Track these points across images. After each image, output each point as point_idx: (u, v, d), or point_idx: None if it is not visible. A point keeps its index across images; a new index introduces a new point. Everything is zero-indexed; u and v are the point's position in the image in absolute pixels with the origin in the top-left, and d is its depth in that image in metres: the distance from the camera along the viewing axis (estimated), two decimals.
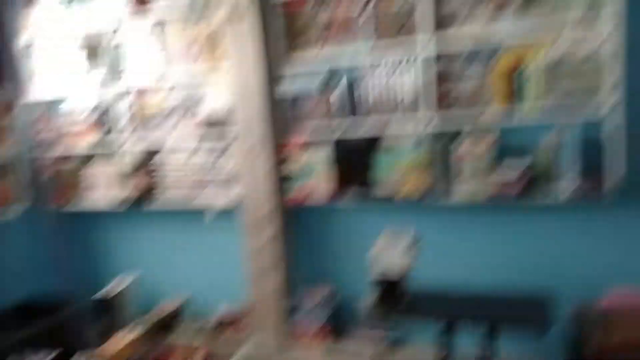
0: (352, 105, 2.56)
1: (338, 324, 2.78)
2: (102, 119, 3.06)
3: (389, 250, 2.19)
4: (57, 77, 3.11)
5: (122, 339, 2.82)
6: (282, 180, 2.70)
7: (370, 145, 2.52)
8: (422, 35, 2.36)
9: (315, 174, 2.62)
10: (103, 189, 3.10)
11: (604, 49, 2.12)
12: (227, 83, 2.68)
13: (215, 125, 2.79)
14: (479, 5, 2.29)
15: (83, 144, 3.10)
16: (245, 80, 2.62)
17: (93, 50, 2.99)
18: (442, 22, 2.35)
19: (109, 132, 3.06)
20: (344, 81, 2.55)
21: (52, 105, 3.19)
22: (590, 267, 2.34)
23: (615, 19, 2.08)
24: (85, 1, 2.96)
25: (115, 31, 2.94)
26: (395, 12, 2.42)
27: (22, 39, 3.10)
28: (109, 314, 3.06)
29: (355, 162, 2.56)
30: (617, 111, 2.11)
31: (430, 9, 2.33)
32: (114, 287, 3.12)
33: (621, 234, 2.29)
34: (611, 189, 2.14)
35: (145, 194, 3.01)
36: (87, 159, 3.15)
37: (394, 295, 2.19)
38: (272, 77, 2.66)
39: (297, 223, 2.84)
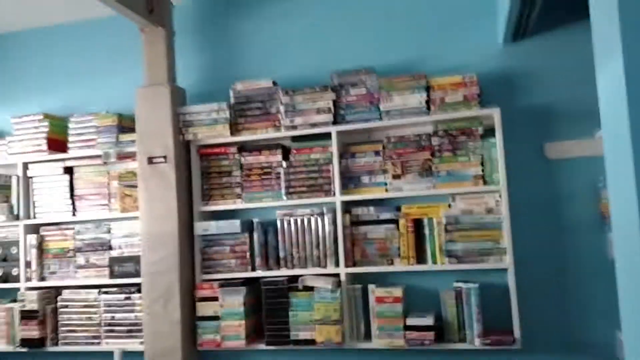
0: (269, 249, 2.61)
1: None
2: (5, 255, 2.92)
3: None
4: None
5: None
6: (195, 324, 2.64)
7: (287, 289, 2.54)
8: (334, 190, 2.52)
9: (231, 317, 2.59)
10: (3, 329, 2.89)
11: (497, 211, 2.34)
12: (140, 223, 2.67)
13: (125, 265, 2.74)
14: (383, 168, 2.51)
15: None
16: (159, 221, 2.62)
17: (2, 187, 2.92)
18: (350, 180, 2.54)
19: (12, 268, 2.90)
20: (260, 226, 2.61)
21: None
22: None
23: (503, 186, 2.32)
24: None
25: (26, 170, 2.92)
26: (308, 170, 2.58)
27: None
28: None
29: (272, 305, 2.57)
30: (510, 271, 2.31)
31: (338, 170, 2.52)
32: None
33: None
34: (518, 336, 2.27)
35: (49, 335, 2.83)
36: None
37: None
38: (189, 218, 2.68)
39: None
